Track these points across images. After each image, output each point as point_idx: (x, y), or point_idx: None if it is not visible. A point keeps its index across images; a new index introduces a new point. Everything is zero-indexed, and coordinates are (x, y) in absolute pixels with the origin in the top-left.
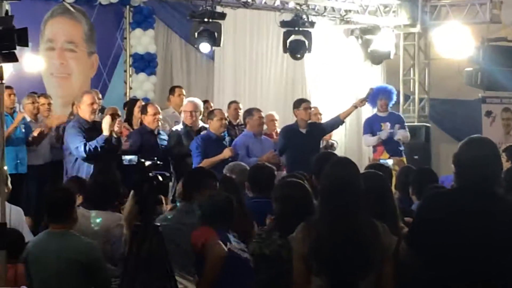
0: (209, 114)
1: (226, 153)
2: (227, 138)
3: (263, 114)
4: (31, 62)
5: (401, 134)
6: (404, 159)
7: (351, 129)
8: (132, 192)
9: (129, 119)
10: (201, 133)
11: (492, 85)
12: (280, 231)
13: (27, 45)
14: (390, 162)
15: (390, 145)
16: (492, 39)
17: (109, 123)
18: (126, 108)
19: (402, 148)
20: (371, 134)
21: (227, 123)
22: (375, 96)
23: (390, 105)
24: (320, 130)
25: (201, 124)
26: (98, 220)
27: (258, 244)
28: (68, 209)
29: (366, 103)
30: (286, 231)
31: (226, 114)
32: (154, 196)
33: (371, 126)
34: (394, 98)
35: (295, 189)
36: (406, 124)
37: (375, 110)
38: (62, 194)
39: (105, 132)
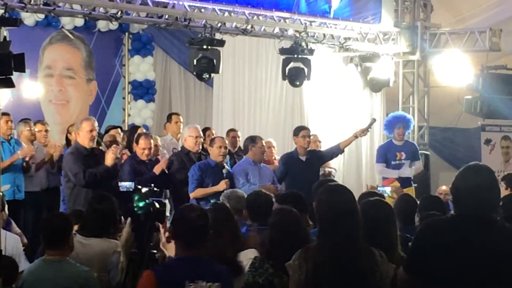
0: (210, 141)
1: (221, 185)
2: (228, 167)
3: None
4: (30, 88)
5: (415, 169)
6: (413, 189)
7: (349, 156)
8: (129, 219)
9: (129, 146)
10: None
11: (491, 113)
12: (272, 259)
13: (23, 71)
14: (388, 189)
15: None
16: (492, 67)
17: (114, 155)
18: (125, 136)
19: (411, 178)
20: (385, 163)
21: (227, 151)
22: (393, 124)
23: (406, 133)
24: (319, 157)
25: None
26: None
27: (251, 273)
28: (66, 236)
29: (368, 133)
30: (279, 258)
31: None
32: (151, 223)
33: (386, 155)
34: (412, 126)
35: (288, 217)
36: None
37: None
38: (60, 220)
39: (108, 162)
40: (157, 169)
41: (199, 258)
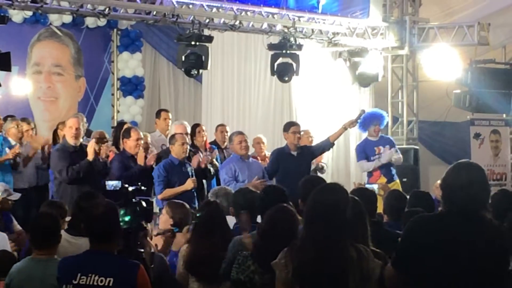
0: (170, 139)
1: (188, 184)
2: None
3: (250, 137)
4: (18, 85)
5: (395, 157)
6: (398, 183)
7: (338, 151)
8: None
9: (116, 143)
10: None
11: (480, 107)
12: (258, 258)
13: (9, 70)
14: (375, 186)
15: (386, 169)
16: (480, 61)
17: (93, 147)
18: (113, 132)
19: (394, 172)
20: (366, 160)
21: (188, 147)
22: (368, 122)
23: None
24: (310, 153)
25: None
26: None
27: (235, 270)
28: (54, 235)
29: (357, 127)
30: (262, 256)
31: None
32: (137, 222)
33: (365, 152)
34: (386, 121)
35: (279, 216)
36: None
37: (364, 135)
38: (49, 221)
39: (89, 156)
40: (140, 159)
41: (104, 252)
